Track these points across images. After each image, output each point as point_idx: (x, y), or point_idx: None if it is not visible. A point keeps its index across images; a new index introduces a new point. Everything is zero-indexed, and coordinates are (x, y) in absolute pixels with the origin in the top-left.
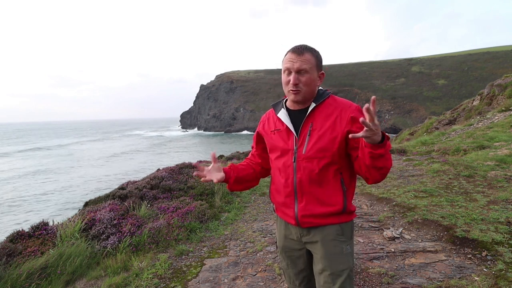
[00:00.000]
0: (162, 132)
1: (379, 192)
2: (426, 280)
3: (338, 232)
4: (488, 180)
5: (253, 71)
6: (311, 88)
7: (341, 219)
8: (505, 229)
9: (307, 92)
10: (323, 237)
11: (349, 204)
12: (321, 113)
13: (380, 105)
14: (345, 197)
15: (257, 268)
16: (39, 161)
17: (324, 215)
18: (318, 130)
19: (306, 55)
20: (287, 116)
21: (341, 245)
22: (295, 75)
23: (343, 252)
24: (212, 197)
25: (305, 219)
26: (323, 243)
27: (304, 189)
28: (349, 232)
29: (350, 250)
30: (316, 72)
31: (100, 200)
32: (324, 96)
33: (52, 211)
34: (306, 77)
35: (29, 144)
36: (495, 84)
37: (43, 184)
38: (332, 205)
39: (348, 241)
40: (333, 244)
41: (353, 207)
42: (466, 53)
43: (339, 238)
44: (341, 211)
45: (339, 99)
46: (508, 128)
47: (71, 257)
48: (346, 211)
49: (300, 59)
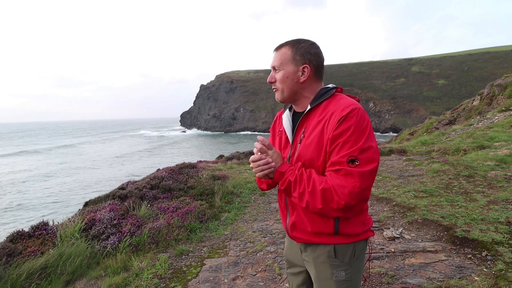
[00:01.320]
0: (162, 132)
1: (379, 192)
2: (426, 280)
3: (330, 255)
4: (488, 180)
5: (253, 71)
6: (289, 86)
7: (336, 240)
8: (505, 229)
9: (287, 91)
10: (314, 258)
11: (347, 225)
12: (315, 117)
13: (380, 105)
14: (336, 217)
15: (257, 268)
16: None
17: (311, 232)
18: (306, 137)
19: (283, 49)
20: (289, 118)
21: (331, 269)
22: (272, 73)
23: (333, 279)
24: (212, 197)
25: (294, 233)
26: (314, 264)
27: (293, 202)
28: (346, 256)
29: (344, 277)
30: (293, 66)
31: (100, 200)
32: (326, 96)
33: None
34: (280, 73)
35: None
36: (495, 84)
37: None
38: (319, 224)
39: (343, 267)
40: (322, 268)
41: (357, 228)
42: (466, 53)
43: (330, 261)
44: (331, 233)
45: (343, 100)
46: (508, 128)
47: (71, 257)
48: (341, 233)
49: (275, 56)
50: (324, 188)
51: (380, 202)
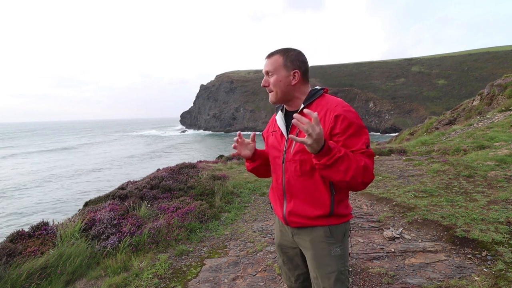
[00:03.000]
0: (162, 132)
1: (379, 192)
2: (426, 280)
3: (327, 234)
4: (488, 180)
5: (253, 71)
6: (282, 88)
7: (330, 222)
8: (505, 229)
9: (280, 93)
10: (311, 239)
11: (339, 207)
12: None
13: (380, 105)
14: (332, 200)
15: (257, 268)
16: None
17: (310, 217)
18: (302, 133)
19: (274, 56)
20: (282, 118)
21: (329, 247)
22: (265, 78)
23: (331, 254)
24: (212, 197)
25: (292, 218)
26: (312, 245)
27: (291, 190)
28: (339, 234)
29: (339, 252)
30: (285, 71)
31: (100, 200)
32: (316, 96)
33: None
34: (273, 78)
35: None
36: (495, 84)
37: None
38: (318, 208)
39: (338, 244)
40: (320, 246)
41: (345, 210)
42: (466, 53)
43: (327, 240)
44: (327, 214)
45: (331, 99)
46: (508, 128)
47: (71, 257)
48: (334, 214)
49: (267, 62)
50: (364, 165)
51: (380, 202)
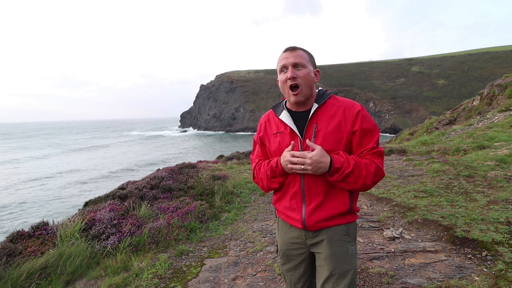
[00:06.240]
0: (162, 132)
1: (379, 192)
2: (426, 280)
3: (344, 232)
4: (488, 180)
5: (253, 71)
6: (309, 85)
7: (347, 219)
8: (505, 229)
9: (306, 90)
10: (329, 237)
11: (355, 204)
12: (325, 113)
13: (380, 105)
14: (351, 197)
15: (257, 268)
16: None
17: (331, 217)
18: (323, 131)
19: (299, 51)
20: (289, 117)
21: (346, 245)
22: (292, 69)
23: (349, 253)
24: (212, 197)
25: (313, 222)
26: (329, 243)
27: (311, 192)
28: (353, 232)
29: (354, 251)
30: (312, 67)
31: (100, 200)
32: (326, 96)
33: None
34: (303, 71)
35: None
36: (495, 84)
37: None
38: (339, 206)
39: (353, 242)
40: (338, 244)
41: (356, 207)
42: (466, 53)
43: (344, 238)
44: (347, 211)
45: (341, 99)
46: (508, 128)
47: (71, 257)
48: (353, 211)
49: (294, 55)
50: (375, 169)
51: (380, 202)
